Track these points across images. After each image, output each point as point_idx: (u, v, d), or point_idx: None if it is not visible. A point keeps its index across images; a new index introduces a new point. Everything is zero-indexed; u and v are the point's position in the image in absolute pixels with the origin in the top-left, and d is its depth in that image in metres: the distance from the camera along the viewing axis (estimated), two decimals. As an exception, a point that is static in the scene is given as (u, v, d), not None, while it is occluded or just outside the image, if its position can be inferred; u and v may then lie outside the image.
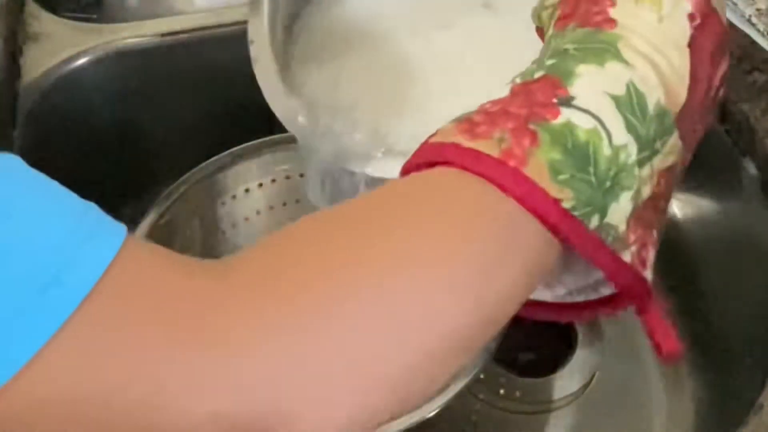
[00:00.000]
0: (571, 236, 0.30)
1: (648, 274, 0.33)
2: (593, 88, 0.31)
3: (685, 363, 0.69)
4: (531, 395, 0.66)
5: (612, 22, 0.33)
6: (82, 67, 0.71)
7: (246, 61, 0.76)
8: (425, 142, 0.32)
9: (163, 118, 0.75)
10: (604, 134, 0.31)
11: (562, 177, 0.30)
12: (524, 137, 0.30)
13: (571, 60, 0.32)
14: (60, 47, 0.71)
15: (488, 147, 0.30)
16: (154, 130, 0.75)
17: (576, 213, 0.30)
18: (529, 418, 0.66)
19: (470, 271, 0.29)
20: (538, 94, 0.31)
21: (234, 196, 0.72)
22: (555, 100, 0.31)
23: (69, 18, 0.74)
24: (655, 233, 0.33)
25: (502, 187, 0.29)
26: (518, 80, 0.33)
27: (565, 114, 0.31)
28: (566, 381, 0.66)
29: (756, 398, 0.50)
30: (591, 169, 0.30)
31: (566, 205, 0.29)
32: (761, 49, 0.64)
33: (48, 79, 0.70)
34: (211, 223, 0.72)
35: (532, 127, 0.30)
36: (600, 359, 0.67)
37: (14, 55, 0.70)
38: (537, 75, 0.32)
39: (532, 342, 0.67)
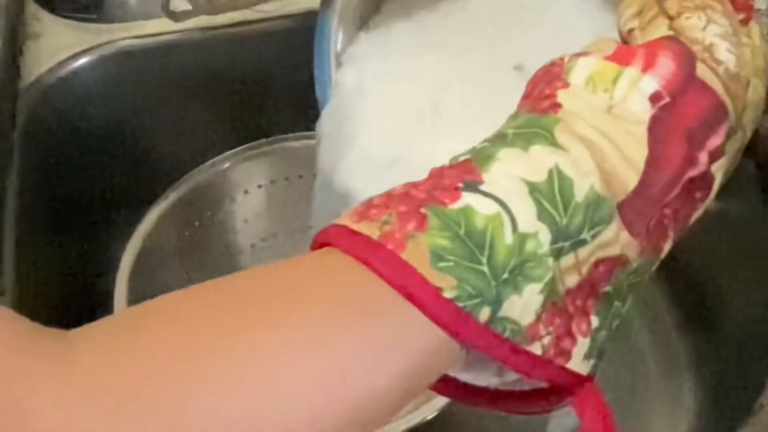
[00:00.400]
0: (454, 328, 0.27)
1: (575, 365, 0.30)
2: (507, 173, 0.29)
3: (685, 363, 0.69)
4: (531, 395, 0.66)
5: (558, 106, 0.31)
6: (82, 67, 0.71)
7: (246, 62, 0.76)
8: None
9: (163, 118, 0.75)
10: (507, 221, 0.28)
11: (443, 264, 0.27)
12: (410, 221, 0.28)
13: (500, 144, 0.30)
14: (60, 47, 0.71)
15: (370, 229, 0.28)
16: (154, 131, 0.75)
17: (460, 303, 0.27)
18: (529, 418, 0.66)
19: (321, 366, 0.26)
20: (447, 178, 0.29)
21: (233, 198, 0.72)
22: (461, 184, 0.29)
23: (69, 18, 0.74)
24: (592, 321, 0.30)
25: (377, 271, 0.27)
26: (447, 162, 0.31)
27: (466, 199, 0.28)
28: (566, 381, 0.66)
29: (756, 398, 0.50)
30: (484, 258, 0.27)
31: (448, 294, 0.27)
32: (761, 49, 0.64)
33: (48, 79, 0.70)
34: (210, 225, 0.72)
35: (423, 210, 0.28)
36: (600, 360, 0.67)
37: (14, 55, 0.70)
38: (462, 158, 0.30)
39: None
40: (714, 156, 0.32)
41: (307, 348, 0.26)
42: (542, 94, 0.32)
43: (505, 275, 0.28)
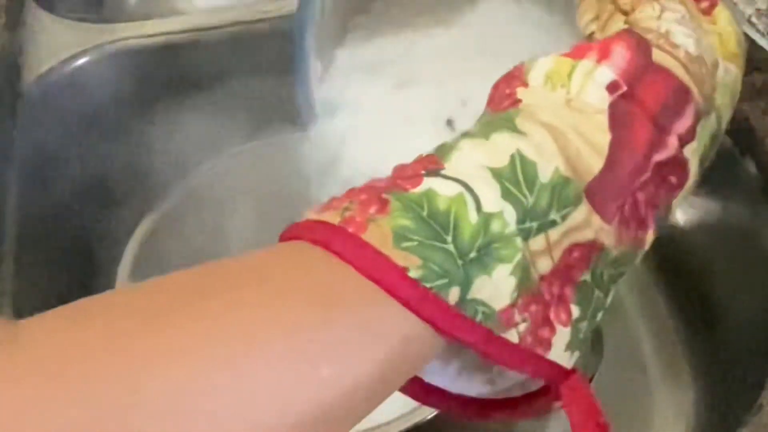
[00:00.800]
0: (423, 310, 0.26)
1: (557, 356, 0.29)
2: (468, 160, 0.29)
3: (685, 363, 0.69)
4: (531, 395, 0.66)
5: (518, 102, 0.31)
6: (82, 67, 0.71)
7: (246, 62, 0.76)
8: None
9: (163, 118, 0.75)
10: (471, 200, 0.27)
11: (407, 244, 0.26)
12: (371, 206, 0.27)
13: (462, 137, 0.30)
14: (60, 47, 0.71)
15: (331, 216, 0.27)
16: (153, 131, 0.75)
17: (427, 284, 0.26)
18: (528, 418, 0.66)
19: (285, 352, 0.25)
20: (409, 169, 0.29)
21: (233, 199, 0.72)
22: (423, 172, 0.28)
23: (69, 18, 0.74)
24: (572, 310, 0.30)
25: (338, 254, 0.26)
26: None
27: (427, 183, 0.28)
28: (566, 381, 0.66)
29: (756, 399, 0.50)
30: (449, 237, 0.27)
31: (413, 274, 0.26)
32: (761, 49, 0.64)
33: (48, 79, 0.70)
34: (210, 225, 0.72)
35: (384, 196, 0.27)
36: (600, 359, 0.67)
37: (14, 55, 0.70)
38: (424, 154, 0.30)
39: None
40: (684, 139, 0.31)
41: (269, 333, 0.25)
42: (503, 94, 0.32)
43: (473, 254, 0.27)
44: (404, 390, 0.31)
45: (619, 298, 0.74)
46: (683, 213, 0.70)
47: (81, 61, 0.71)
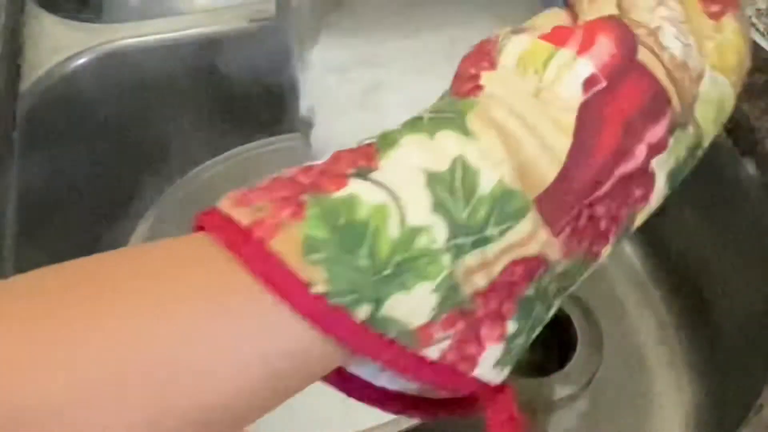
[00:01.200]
0: (325, 326, 0.25)
1: (484, 373, 0.28)
2: (405, 161, 0.27)
3: (685, 363, 0.69)
4: (531, 395, 0.66)
5: (479, 89, 0.29)
6: (82, 67, 0.71)
7: (246, 62, 0.76)
8: None
9: (163, 118, 0.75)
10: (395, 212, 0.26)
11: (316, 256, 0.25)
12: (286, 208, 0.26)
13: (409, 129, 0.28)
14: (60, 47, 0.71)
15: (243, 214, 0.26)
16: (153, 131, 0.75)
17: (332, 300, 0.25)
18: (529, 418, 0.66)
19: (149, 356, 0.24)
20: (342, 162, 0.27)
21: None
22: (352, 171, 0.26)
23: (69, 18, 0.74)
24: (508, 326, 0.28)
25: (243, 261, 0.25)
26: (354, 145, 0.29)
27: (353, 186, 0.26)
28: (566, 381, 0.66)
29: (756, 399, 0.50)
30: (363, 252, 0.25)
31: (319, 289, 0.24)
32: (761, 49, 0.64)
33: (48, 79, 0.70)
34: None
35: (303, 198, 0.26)
36: (600, 359, 0.67)
37: (14, 55, 0.70)
38: (367, 141, 0.28)
39: (532, 342, 0.67)
40: (654, 149, 0.29)
41: (139, 332, 0.24)
42: (467, 74, 0.30)
43: (388, 271, 0.25)
44: (325, 379, 0.30)
45: (619, 297, 0.74)
46: (682, 212, 0.70)
47: (81, 61, 0.71)
